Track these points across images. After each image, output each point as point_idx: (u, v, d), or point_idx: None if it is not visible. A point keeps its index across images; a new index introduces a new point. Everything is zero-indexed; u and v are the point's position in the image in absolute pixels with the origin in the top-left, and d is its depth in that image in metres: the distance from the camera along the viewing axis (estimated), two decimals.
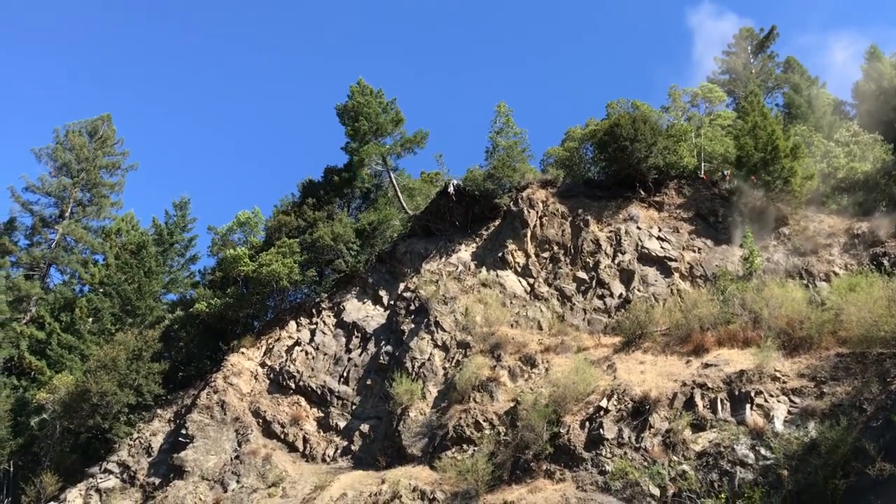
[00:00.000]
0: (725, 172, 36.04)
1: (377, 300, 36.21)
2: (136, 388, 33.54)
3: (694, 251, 32.75)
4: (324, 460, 30.04)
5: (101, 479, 31.20)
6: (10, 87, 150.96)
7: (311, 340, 35.22)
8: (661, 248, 32.99)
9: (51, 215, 58.38)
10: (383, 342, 33.54)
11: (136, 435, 33.20)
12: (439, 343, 31.56)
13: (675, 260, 32.44)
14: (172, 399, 34.81)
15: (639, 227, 33.91)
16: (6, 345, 47.58)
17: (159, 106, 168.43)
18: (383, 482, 25.46)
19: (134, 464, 31.43)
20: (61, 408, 34.50)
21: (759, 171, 33.16)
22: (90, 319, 44.08)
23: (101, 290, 45.70)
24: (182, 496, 27.81)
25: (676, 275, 31.95)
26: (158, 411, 34.26)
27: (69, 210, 58.00)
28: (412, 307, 33.81)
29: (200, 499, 27.73)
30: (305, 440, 31.24)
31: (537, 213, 35.58)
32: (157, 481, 29.85)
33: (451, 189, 37.79)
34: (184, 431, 31.13)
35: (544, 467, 23.39)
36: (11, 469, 33.58)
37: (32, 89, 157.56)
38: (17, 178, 59.07)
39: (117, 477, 31.29)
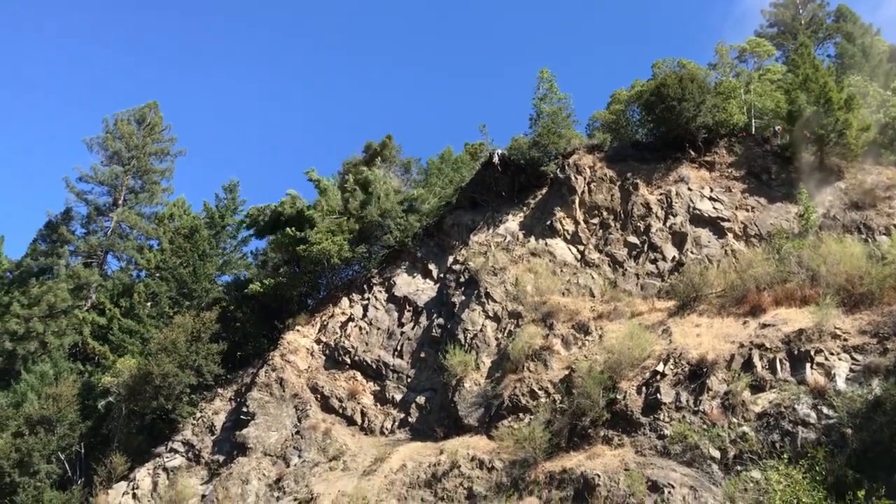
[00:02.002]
0: (777, 128, 35.17)
1: (427, 274, 36.32)
2: (196, 369, 34.26)
3: (747, 210, 32.09)
4: (382, 433, 30.41)
5: (167, 458, 32.07)
6: (60, 79, 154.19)
7: (364, 316, 35.54)
8: (714, 208, 32.40)
9: (105, 203, 59.73)
10: (435, 315, 33.70)
11: (198, 414, 33.97)
12: (490, 314, 31.57)
13: (728, 220, 31.84)
14: (232, 378, 35.49)
15: (690, 189, 33.33)
16: (70, 331, 49.09)
17: (203, 90, 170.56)
18: (442, 452, 25.71)
19: (198, 442, 32.21)
20: (126, 390, 35.44)
21: (813, 125, 32.28)
22: (148, 304, 45.13)
23: (158, 275, 46.70)
24: (246, 472, 28.45)
25: (730, 235, 31.38)
26: (219, 391, 34.99)
27: (122, 197, 59.28)
28: (462, 279, 33.85)
29: (264, 474, 28.34)
30: (363, 413, 31.64)
31: (585, 178, 35.19)
32: (222, 458, 30.56)
33: (495, 159, 37.52)
34: (245, 409, 31.76)
35: (602, 433, 23.36)
36: (83, 450, 34.64)
37: (80, 79, 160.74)
38: (70, 169, 60.46)
39: (183, 455, 32.10)
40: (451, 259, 35.73)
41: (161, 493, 29.84)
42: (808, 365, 21.70)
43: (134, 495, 30.67)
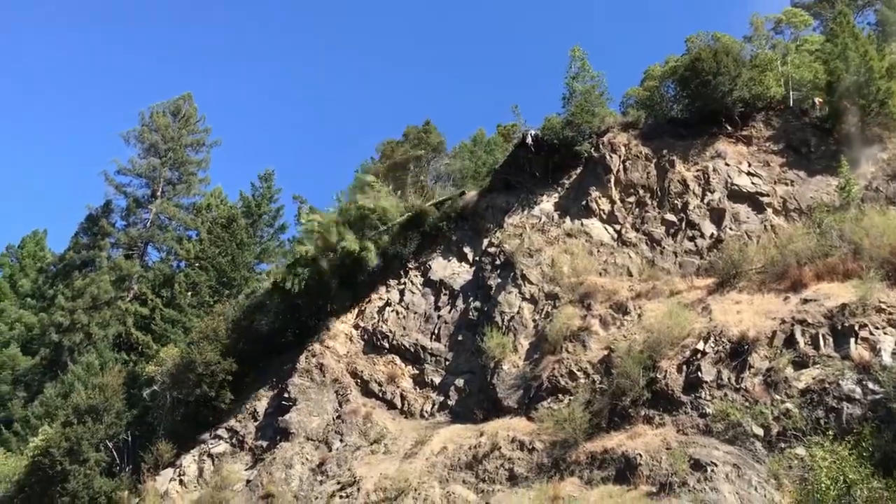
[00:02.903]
0: (816, 100, 34.41)
1: (462, 257, 36.29)
2: (238, 357, 34.70)
3: (786, 184, 31.52)
4: (422, 416, 30.58)
5: (212, 444, 32.59)
6: (95, 75, 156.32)
7: (401, 300, 35.66)
8: (752, 183, 31.87)
9: (143, 195, 60.69)
10: (471, 298, 33.70)
11: (241, 401, 34.40)
12: (527, 296, 31.49)
13: (767, 195, 31.30)
14: (274, 364, 35.83)
15: (727, 164, 32.82)
16: (114, 322, 50.12)
17: (235, 80, 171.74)
18: (482, 434, 25.79)
19: (242, 429, 32.66)
20: (169, 379, 36.06)
21: (853, 95, 31.55)
22: (189, 293, 45.85)
23: (197, 265, 47.38)
24: (289, 457, 28.82)
25: (769, 210, 30.87)
26: (261, 377, 35.36)
27: (160, 189, 60.13)
28: (497, 262, 33.78)
29: (307, 458, 28.68)
30: (403, 397, 31.84)
31: (620, 157, 34.81)
32: (265, 444, 30.96)
33: (529, 140, 37.18)
34: (286, 395, 32.13)
35: (642, 413, 23.26)
36: (129, 438, 35.33)
37: (115, 74, 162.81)
38: (109, 163, 61.49)
39: (227, 442, 32.58)
40: (486, 242, 35.65)
41: (207, 479, 30.37)
42: (852, 340, 21.36)
43: (181, 481, 31.24)
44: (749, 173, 32.30)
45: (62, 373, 47.84)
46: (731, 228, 30.59)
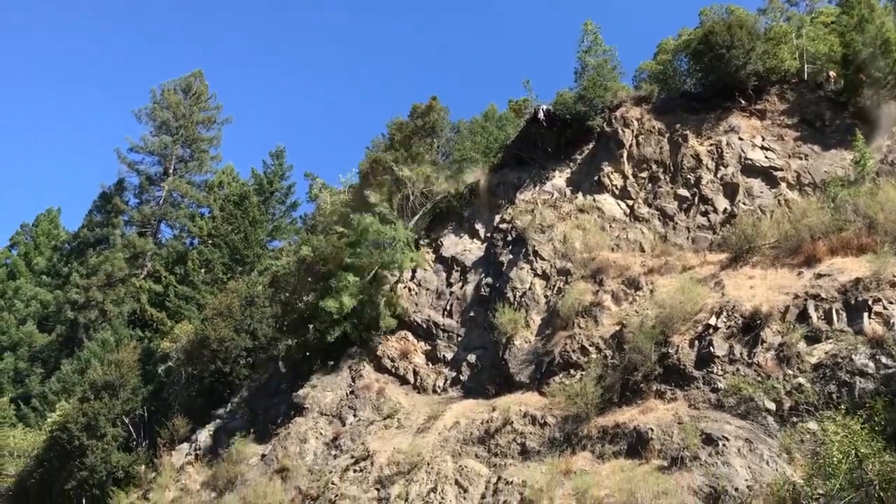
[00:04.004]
0: (831, 73, 34.05)
1: (473, 234, 36.28)
2: (251, 333, 35.00)
3: (800, 158, 31.28)
4: (434, 391, 30.75)
5: (227, 419, 32.94)
6: (107, 53, 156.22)
7: (413, 277, 35.73)
8: (766, 157, 31.64)
9: (156, 173, 60.96)
10: (483, 274, 33.72)
11: (255, 376, 34.71)
12: (539, 272, 31.48)
13: (781, 169, 31.09)
14: (285, 341, 36.04)
15: (741, 138, 32.57)
16: (128, 299, 50.59)
17: (246, 58, 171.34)
18: (494, 409, 25.92)
19: (256, 404, 32.94)
20: (184, 355, 36.46)
21: (869, 68, 31.20)
22: (202, 270, 46.14)
23: (210, 242, 47.63)
24: (304, 431, 29.07)
25: (783, 184, 30.66)
26: (274, 353, 35.62)
27: (172, 167, 60.36)
28: (509, 238, 33.76)
29: (321, 433, 28.92)
30: (415, 373, 32.00)
31: (632, 131, 34.61)
32: (280, 419, 31.24)
33: (540, 115, 36.99)
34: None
35: (654, 388, 23.30)
36: (145, 414, 35.80)
37: (127, 51, 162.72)
38: (122, 140, 61.80)
39: (242, 417, 32.90)
40: (497, 218, 35.61)
41: (222, 453, 30.70)
42: (865, 314, 21.26)
43: (196, 456, 31.63)
44: (763, 147, 32.06)
45: (78, 349, 48.43)
46: (744, 203, 30.42)
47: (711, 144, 32.82)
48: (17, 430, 40.56)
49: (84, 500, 32.75)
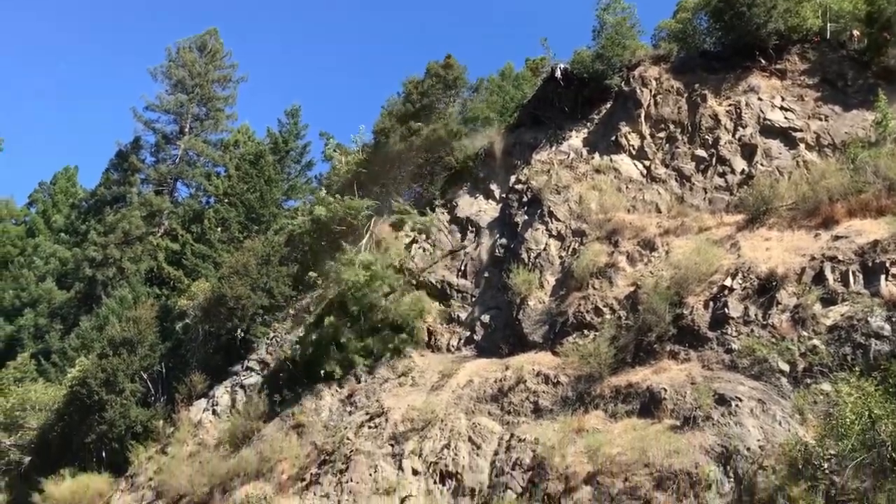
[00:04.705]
0: (854, 31, 33.34)
1: (489, 194, 36.19)
2: (267, 291, 35.26)
3: (821, 119, 30.83)
4: (448, 350, 30.96)
5: (244, 376, 33.36)
6: (123, 9, 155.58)
7: (428, 237, 35.79)
8: (785, 118, 31.21)
9: (172, 132, 61.04)
10: (497, 235, 33.70)
11: (271, 334, 35.06)
12: (554, 233, 31.41)
13: (801, 130, 30.66)
14: (302, 300, 36.35)
15: (760, 99, 32.10)
16: (145, 257, 51.01)
17: (261, 16, 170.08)
18: (507, 368, 26.08)
19: (272, 361, 33.32)
20: (201, 313, 36.82)
21: (893, 26, 30.53)
22: (219, 229, 46.40)
23: (226, 201, 47.83)
24: (319, 388, 29.39)
25: (802, 146, 30.26)
26: (291, 312, 35.93)
27: (188, 125, 60.39)
28: (524, 199, 33.63)
29: (336, 389, 29.24)
30: (430, 332, 32.19)
31: (650, 91, 34.18)
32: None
33: (558, 74, 36.58)
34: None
35: (668, 348, 23.34)
36: (163, 370, 36.29)
37: (142, 8, 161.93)
38: (137, 99, 61.88)
39: (258, 373, 33.31)
40: (513, 179, 35.46)
41: (239, 409, 31.15)
42: (882, 277, 21.11)
43: (213, 411, 32.11)
44: (782, 108, 31.61)
45: (96, 306, 48.99)
46: (762, 164, 30.10)
47: (730, 104, 32.40)
48: (38, 384, 41.23)
49: (104, 454, 33.39)
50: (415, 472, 23.30)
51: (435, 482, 22.79)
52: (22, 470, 36.46)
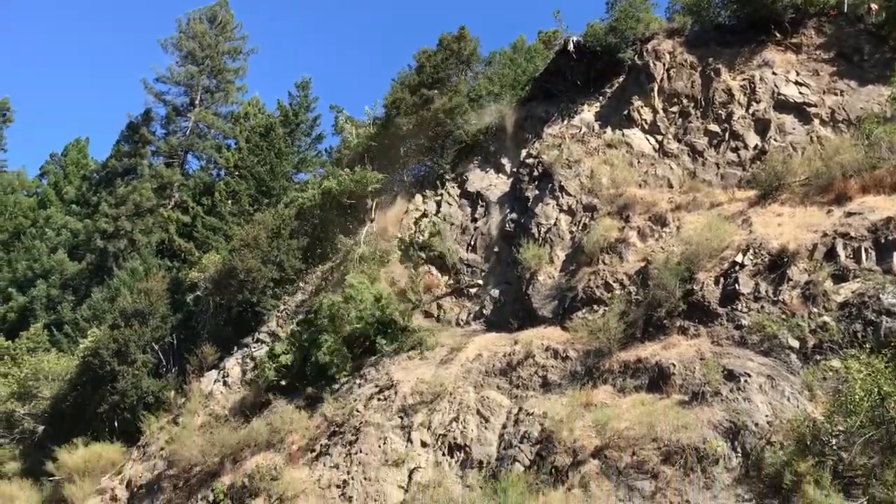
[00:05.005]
0: (872, 5, 32.86)
1: (499, 168, 36.08)
2: (278, 264, 35.34)
3: (836, 94, 30.47)
4: (458, 324, 31.05)
5: (254, 347, 33.58)
6: None
7: (438, 212, 35.77)
8: (800, 93, 30.87)
9: (182, 104, 60.97)
10: (508, 210, 33.64)
11: (282, 307, 35.20)
12: (564, 207, 31.31)
13: (815, 105, 30.33)
14: (312, 273, 36.46)
15: (774, 73, 31.75)
16: (156, 229, 51.20)
17: None
18: (516, 343, 26.14)
19: (283, 333, 33.49)
20: (212, 285, 36.98)
21: None
22: (229, 201, 46.47)
23: (237, 173, 47.84)
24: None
25: (816, 121, 29.97)
26: (301, 285, 36.05)
27: (198, 97, 60.27)
28: (535, 173, 33.51)
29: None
30: (439, 306, 32.30)
31: (664, 65, 33.84)
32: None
33: (570, 47, 36.29)
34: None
35: (677, 324, 23.31)
36: (175, 341, 36.54)
37: None
38: (148, 70, 61.79)
39: (269, 346, 33.48)
40: (524, 153, 35.32)
41: (249, 381, 31.37)
42: (894, 254, 20.98)
43: (224, 382, 32.37)
44: (797, 83, 31.26)
45: (108, 278, 49.28)
46: (775, 140, 29.83)
47: (744, 79, 32.07)
48: (50, 354, 41.61)
49: (116, 423, 33.76)
50: (423, 445, 23.46)
51: (443, 454, 22.95)
52: (36, 438, 36.91)
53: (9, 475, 33.89)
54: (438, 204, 36.07)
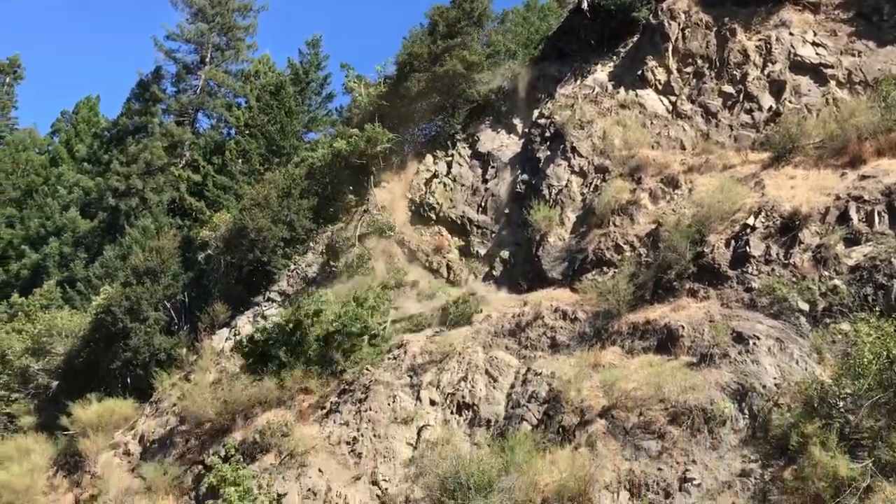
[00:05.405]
0: None
1: (511, 129, 35.82)
2: (288, 224, 35.36)
3: (853, 55, 29.94)
4: (466, 285, 31.10)
5: (265, 306, 33.78)
6: None
7: (448, 172, 35.65)
8: (816, 54, 30.35)
9: (192, 62, 60.60)
10: (519, 171, 33.49)
11: (292, 266, 35.32)
12: (576, 169, 31.15)
13: (832, 66, 29.82)
14: (322, 232, 36.49)
15: (791, 33, 31.20)
16: (167, 188, 51.26)
17: None
18: (525, 304, 26.21)
19: (293, 292, 33.69)
20: (223, 244, 37.09)
21: None
22: (240, 160, 46.41)
23: (247, 132, 47.70)
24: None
25: (832, 82, 29.49)
26: (311, 244, 36.12)
27: (209, 55, 59.88)
28: (547, 134, 33.28)
29: None
30: (449, 267, 32.39)
31: (679, 24, 33.31)
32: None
33: (584, 5, 35.75)
34: (335, 263, 32.80)
35: (687, 286, 23.31)
36: (186, 299, 36.75)
37: None
38: (158, 27, 61.45)
39: (280, 305, 33.69)
40: (536, 113, 35.04)
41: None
42: None
43: (236, 340, 32.59)
44: (814, 43, 30.72)
45: (120, 236, 49.48)
46: (790, 101, 29.43)
47: (760, 39, 31.55)
48: (63, 311, 41.93)
49: (129, 380, 34.11)
50: (432, 403, 23.68)
51: (452, 413, 23.17)
52: (50, 394, 37.37)
53: (24, 429, 34.38)
54: (449, 164, 35.93)
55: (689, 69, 32.46)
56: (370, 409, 23.91)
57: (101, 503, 26.54)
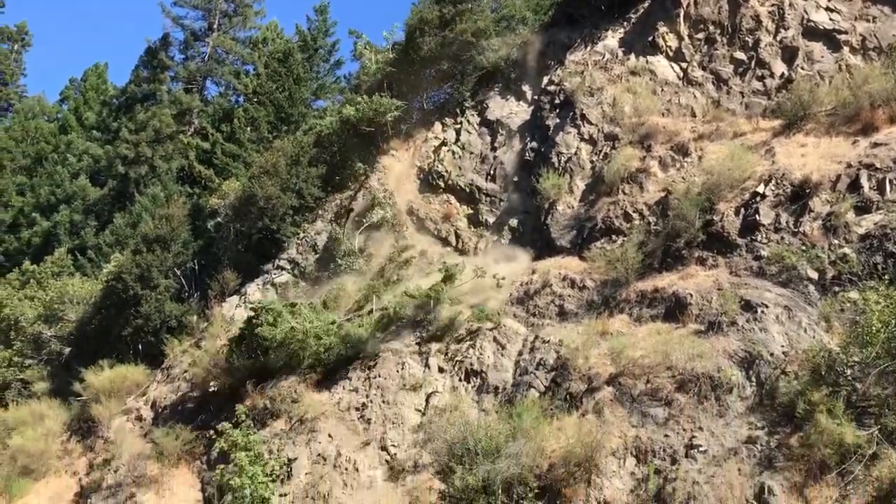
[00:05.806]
0: None
1: (520, 96, 35.55)
2: (297, 192, 35.35)
3: (868, 21, 29.52)
4: (475, 254, 31.14)
5: (275, 274, 33.91)
6: None
7: (457, 140, 35.47)
8: (830, 19, 29.94)
9: (200, 28, 60.28)
10: (528, 138, 33.31)
11: (301, 235, 35.39)
12: (586, 136, 30.97)
13: (846, 32, 29.43)
14: (331, 200, 36.48)
15: None
16: (176, 156, 51.29)
17: None
18: (534, 272, 26.27)
19: (302, 260, 33.83)
20: (232, 212, 37.12)
21: None
22: (248, 128, 46.30)
23: (255, 100, 47.51)
24: (349, 289, 29.88)
25: (846, 49, 29.12)
26: (320, 212, 36.13)
27: (217, 22, 59.52)
28: (557, 101, 33.05)
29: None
30: (457, 235, 32.38)
31: None
32: (325, 274, 32.08)
33: None
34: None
35: (696, 254, 23.30)
36: (196, 267, 36.90)
37: None
38: None
39: (289, 273, 33.85)
40: (545, 80, 34.75)
41: None
42: None
43: (246, 307, 32.79)
44: (828, 9, 30.29)
45: (130, 203, 49.65)
46: (802, 68, 29.10)
47: (773, 5, 31.11)
48: (75, 278, 42.20)
49: (140, 346, 34.40)
50: (440, 370, 23.85)
51: (460, 380, 23.34)
52: (62, 360, 37.73)
53: (38, 394, 34.79)
54: (458, 132, 35.74)
55: (701, 35, 32.08)
56: (379, 376, 24.11)
57: (114, 467, 26.90)
